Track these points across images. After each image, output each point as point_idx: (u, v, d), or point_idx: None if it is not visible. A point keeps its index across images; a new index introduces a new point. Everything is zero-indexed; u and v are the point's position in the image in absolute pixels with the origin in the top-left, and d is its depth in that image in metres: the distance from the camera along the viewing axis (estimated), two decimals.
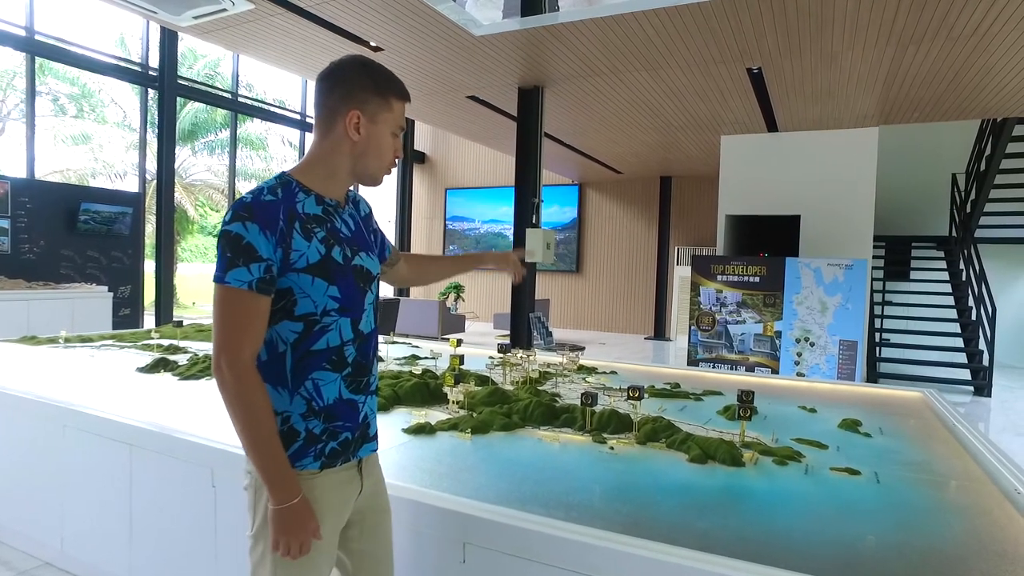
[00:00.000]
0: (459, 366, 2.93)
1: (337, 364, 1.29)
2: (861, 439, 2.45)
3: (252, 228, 1.18)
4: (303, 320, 1.25)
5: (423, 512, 1.65)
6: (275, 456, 1.20)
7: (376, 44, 5.74)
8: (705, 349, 7.18)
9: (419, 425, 2.36)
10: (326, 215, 1.30)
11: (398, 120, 1.35)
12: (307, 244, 1.24)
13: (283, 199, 1.24)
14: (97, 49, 8.99)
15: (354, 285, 1.32)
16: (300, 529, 1.21)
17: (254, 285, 1.18)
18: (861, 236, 7.53)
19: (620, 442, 2.25)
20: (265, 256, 1.19)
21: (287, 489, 1.20)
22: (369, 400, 1.40)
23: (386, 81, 1.32)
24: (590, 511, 1.61)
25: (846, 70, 5.76)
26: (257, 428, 1.19)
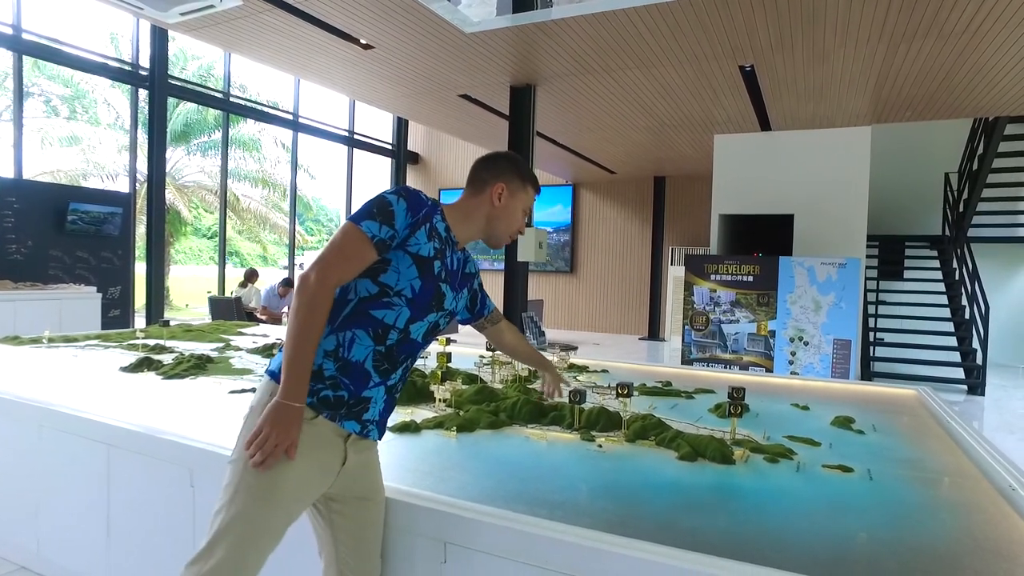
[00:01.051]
0: (447, 364, 2.88)
1: (377, 337, 1.45)
2: (854, 436, 2.41)
3: (401, 204, 1.45)
4: (380, 286, 1.45)
5: (403, 510, 1.60)
6: (306, 361, 1.35)
7: (367, 42, 5.69)
8: (699, 349, 7.15)
9: (404, 423, 2.32)
10: (446, 241, 1.57)
11: (529, 202, 1.69)
12: (426, 241, 1.49)
13: (431, 206, 1.52)
14: (87, 48, 8.91)
15: (431, 295, 1.52)
16: (285, 429, 1.31)
17: (376, 239, 1.41)
18: (855, 235, 7.52)
19: (609, 440, 2.21)
20: (398, 227, 1.44)
21: (298, 391, 1.33)
22: (381, 388, 1.50)
23: (528, 172, 1.70)
24: (576, 510, 1.57)
25: (838, 68, 5.75)
26: (307, 332, 1.34)
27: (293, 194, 13.04)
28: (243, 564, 1.30)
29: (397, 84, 7.04)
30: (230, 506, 1.32)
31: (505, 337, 2.10)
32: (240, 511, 1.31)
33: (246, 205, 19.73)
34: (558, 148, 10.17)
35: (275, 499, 1.33)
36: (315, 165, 27.55)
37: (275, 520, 1.34)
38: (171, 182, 17.73)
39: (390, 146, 14.61)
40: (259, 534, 1.32)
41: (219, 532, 1.31)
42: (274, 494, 1.33)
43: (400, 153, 14.71)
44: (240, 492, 1.32)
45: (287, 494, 1.35)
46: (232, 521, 1.31)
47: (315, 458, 1.39)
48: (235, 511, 1.31)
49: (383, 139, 14.48)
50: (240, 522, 1.31)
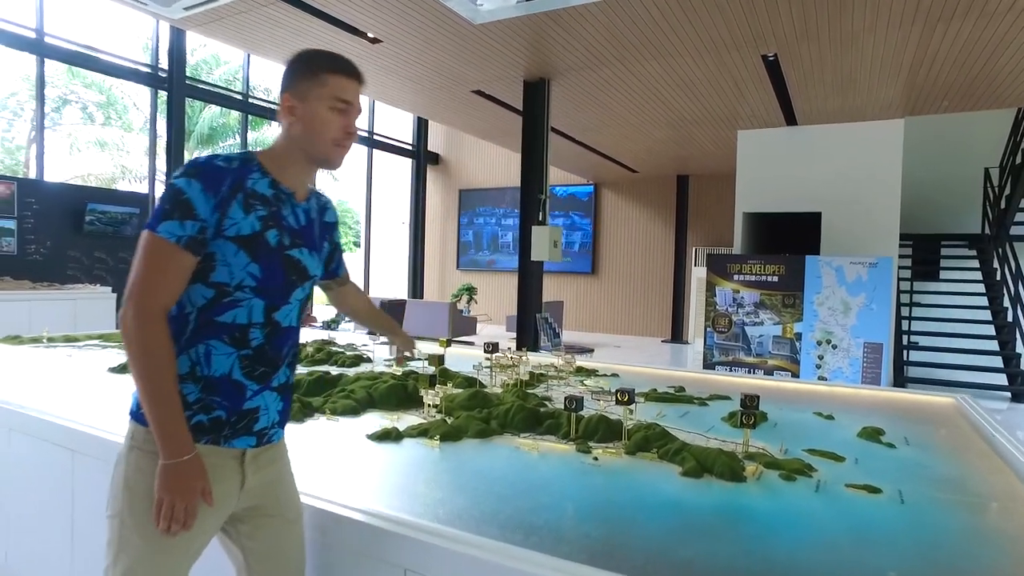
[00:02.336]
0: (439, 366, 2.70)
1: (237, 342, 1.25)
2: (884, 450, 2.17)
3: (195, 186, 1.18)
4: (215, 287, 1.22)
5: (363, 533, 1.42)
6: (172, 409, 1.16)
7: (374, 35, 5.56)
8: (721, 352, 6.87)
9: (385, 431, 2.14)
10: (275, 200, 1.29)
11: (334, 92, 1.29)
12: (244, 216, 1.23)
13: (235, 170, 1.24)
14: (108, 51, 8.97)
15: (281, 272, 1.28)
16: (186, 489, 1.15)
17: (184, 241, 1.17)
18: (886, 233, 7.15)
19: (606, 452, 2.00)
20: (201, 214, 1.18)
21: (179, 444, 1.16)
22: (268, 395, 1.31)
23: (317, 58, 1.31)
24: (555, 535, 1.37)
25: (868, 54, 5.44)
26: (157, 378, 1.15)
27: None
28: None
29: (409, 80, 6.90)
30: (117, 564, 1.19)
31: (350, 300, 1.84)
32: (130, 567, 1.18)
33: None
34: (577, 146, 9.95)
35: (165, 547, 1.18)
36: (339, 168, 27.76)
37: (173, 566, 1.21)
38: None
39: (410, 147, 14.54)
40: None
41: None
42: (163, 548, 1.18)
43: (420, 154, 14.63)
44: (126, 548, 1.18)
45: (177, 544, 1.19)
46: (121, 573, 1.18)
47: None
48: (125, 567, 1.18)
49: (403, 140, 14.41)
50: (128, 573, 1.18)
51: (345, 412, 2.43)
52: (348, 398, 2.54)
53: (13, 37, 7.85)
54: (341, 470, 1.80)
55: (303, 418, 2.33)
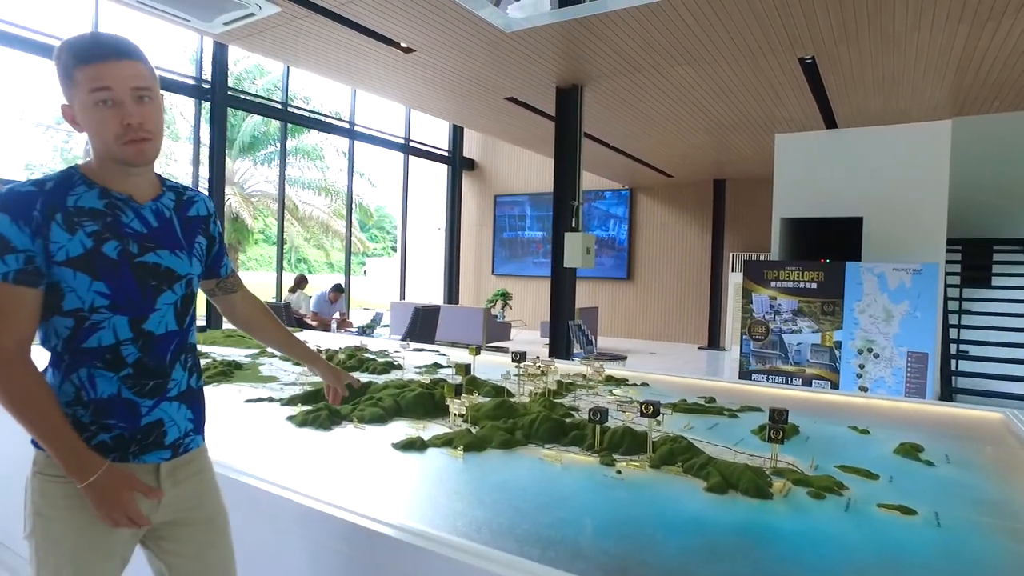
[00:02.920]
0: (465, 376, 2.71)
1: (113, 363, 1.20)
2: (921, 468, 2.09)
3: (3, 219, 1.12)
4: (72, 316, 1.19)
5: (383, 545, 1.43)
6: (63, 438, 1.14)
7: (407, 45, 5.64)
8: (758, 360, 6.72)
9: (410, 440, 2.16)
10: (109, 209, 1.21)
11: (91, 82, 1.14)
12: (68, 237, 1.16)
13: (48, 191, 1.16)
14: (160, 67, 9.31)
15: (133, 282, 1.21)
16: (114, 500, 1.15)
17: (11, 276, 1.12)
18: (932, 238, 6.90)
19: (630, 465, 1.98)
20: (21, 247, 1.13)
21: (84, 466, 1.14)
22: (165, 405, 1.26)
23: (63, 56, 1.17)
24: (572, 550, 1.36)
25: (911, 55, 5.26)
26: (37, 413, 1.13)
27: (349, 201, 13.27)
28: None
29: (441, 88, 6.97)
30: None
31: (240, 310, 1.58)
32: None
33: (308, 213, 20.32)
34: (612, 152, 9.89)
35: (87, 569, 1.19)
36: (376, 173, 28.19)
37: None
38: (238, 191, 18.46)
39: (446, 153, 14.67)
40: None
41: None
42: (79, 561, 1.19)
43: (456, 159, 14.75)
44: (45, 566, 1.19)
45: (95, 561, 1.20)
46: None
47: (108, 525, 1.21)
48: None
49: (439, 146, 14.56)
50: None
51: (372, 420, 2.46)
52: (376, 406, 2.57)
53: None
54: (364, 480, 1.83)
55: (330, 426, 2.37)
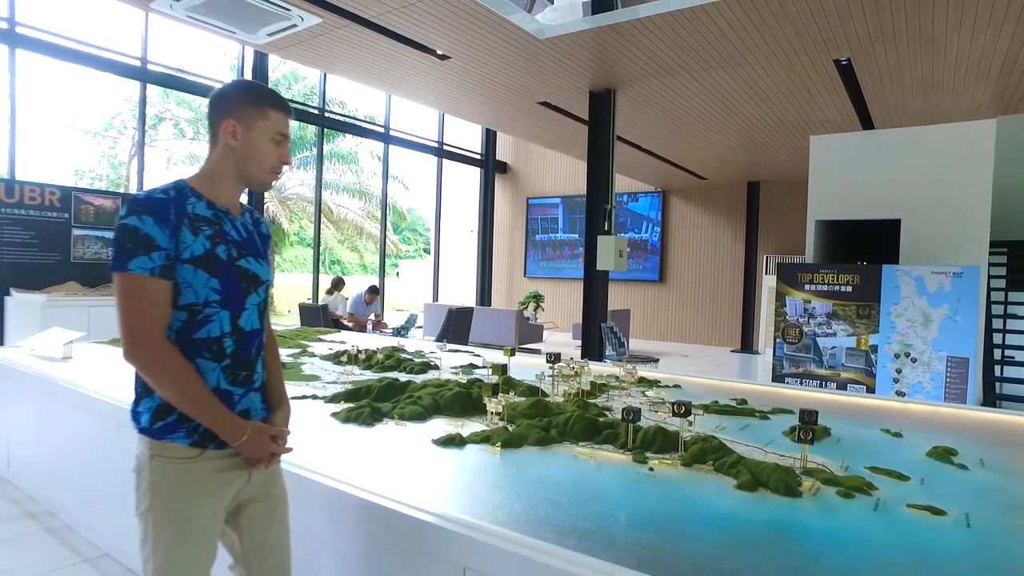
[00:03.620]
0: (501, 375, 2.80)
1: (216, 354, 1.38)
2: (954, 472, 2.10)
3: (147, 221, 1.29)
4: (187, 309, 1.34)
5: (427, 532, 1.53)
6: (216, 409, 1.34)
7: (443, 52, 5.76)
8: (791, 363, 6.66)
9: (449, 436, 2.26)
10: (215, 218, 1.40)
11: (276, 127, 1.43)
12: (193, 238, 1.34)
13: (174, 199, 1.34)
14: (202, 75, 9.67)
15: (236, 282, 1.40)
16: (261, 449, 1.40)
17: (156, 271, 1.28)
18: (974, 241, 6.75)
19: (662, 463, 2.05)
20: (163, 245, 1.29)
21: (236, 430, 1.36)
22: (251, 395, 1.46)
23: (262, 94, 1.44)
24: (607, 540, 1.44)
25: (952, 56, 5.18)
26: (192, 392, 1.31)
27: (384, 204, 13.51)
28: None
29: (476, 93, 7.09)
30: (154, 557, 1.34)
31: None
32: (165, 558, 1.34)
33: (343, 216, 20.72)
34: (644, 154, 9.89)
35: (195, 538, 1.36)
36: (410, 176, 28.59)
37: (201, 552, 1.37)
38: (275, 195, 18.92)
39: (479, 156, 14.82)
40: (195, 566, 1.36)
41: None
42: (192, 534, 1.36)
43: (488, 163, 14.89)
44: (162, 544, 1.34)
45: (203, 529, 1.37)
46: (161, 569, 1.34)
47: (215, 493, 1.39)
48: (160, 560, 1.34)
49: (472, 149, 14.72)
50: (174, 570, 1.34)
51: (413, 418, 2.56)
52: (416, 404, 2.68)
53: (121, 66, 8.59)
54: (408, 472, 1.93)
55: (372, 422, 2.49)
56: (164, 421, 1.34)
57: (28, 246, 6.97)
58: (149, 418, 1.35)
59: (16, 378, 3.52)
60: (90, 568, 2.62)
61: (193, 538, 1.35)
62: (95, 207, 7.68)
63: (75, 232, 7.41)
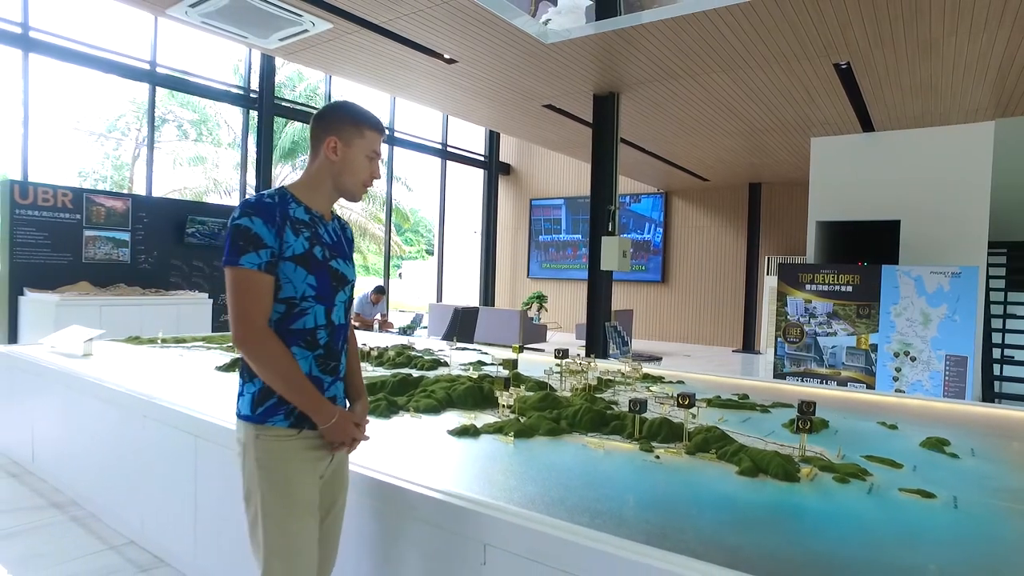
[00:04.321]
0: (512, 370, 2.91)
1: (310, 344, 1.51)
2: (946, 460, 2.20)
3: (257, 221, 1.43)
4: (285, 302, 1.48)
5: (446, 511, 1.64)
6: (310, 393, 1.47)
7: (450, 56, 5.87)
8: (793, 362, 6.76)
9: (464, 427, 2.36)
10: (312, 222, 1.54)
11: (371, 145, 1.58)
12: (295, 239, 1.48)
13: (278, 203, 1.48)
14: (208, 76, 9.79)
15: (328, 280, 1.54)
16: (346, 433, 1.53)
17: (263, 267, 1.42)
18: (973, 242, 6.84)
19: (668, 451, 2.15)
20: (269, 243, 1.43)
21: (326, 413, 1.49)
22: (338, 384, 1.60)
23: (362, 115, 1.58)
24: (617, 519, 1.54)
25: (950, 59, 5.28)
26: (291, 377, 1.44)
27: (389, 205, 13.61)
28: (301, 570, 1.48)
29: (482, 97, 7.20)
30: (267, 533, 1.46)
31: None
32: (280, 531, 1.46)
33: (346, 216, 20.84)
34: (647, 156, 9.99)
35: (301, 509, 1.48)
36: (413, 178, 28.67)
37: (308, 524, 1.49)
38: None
39: (482, 158, 14.93)
40: (303, 541, 1.48)
41: (270, 559, 1.46)
42: (298, 505, 1.48)
43: (492, 164, 14.99)
44: (270, 519, 1.45)
45: (307, 500, 1.50)
46: (276, 542, 1.45)
47: (312, 468, 1.52)
48: (275, 534, 1.45)
49: (476, 151, 14.82)
50: (284, 539, 1.46)
51: (427, 410, 2.67)
52: (429, 398, 2.78)
53: (131, 69, 8.72)
54: (426, 459, 2.03)
55: (389, 415, 2.59)
56: (264, 406, 1.47)
57: (41, 247, 7.10)
58: (250, 403, 1.48)
59: (40, 374, 3.63)
60: (115, 555, 2.72)
61: (299, 509, 1.47)
62: (106, 208, 7.80)
63: (86, 233, 7.53)
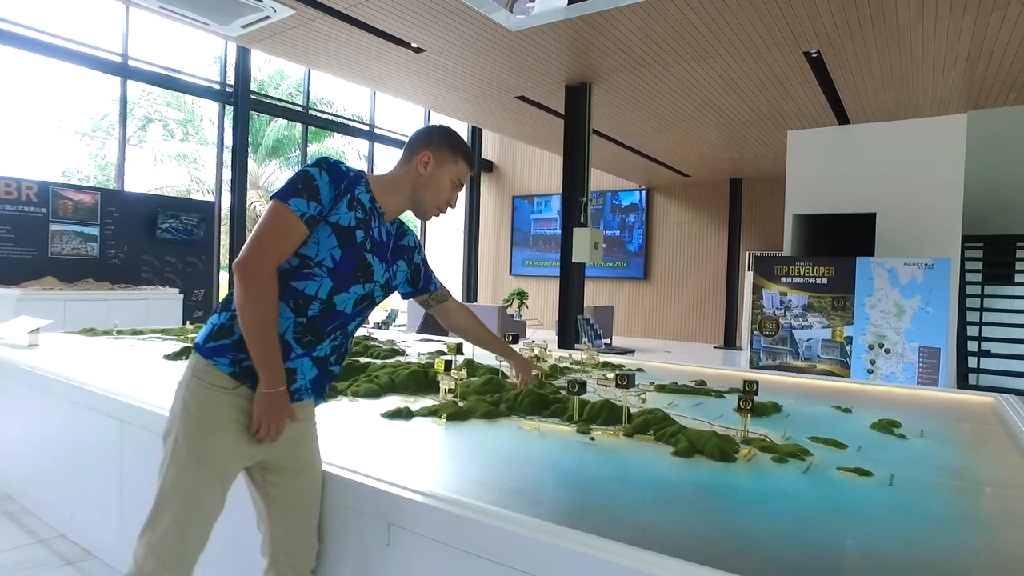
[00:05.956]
0: (456, 353, 2.82)
1: (298, 309, 1.44)
2: (893, 441, 2.14)
3: (324, 177, 1.44)
4: (300, 258, 1.43)
5: (350, 489, 1.55)
6: (272, 349, 1.38)
7: (417, 45, 5.78)
8: (768, 356, 6.71)
9: (397, 410, 2.27)
10: (370, 212, 1.53)
11: (459, 174, 1.64)
12: (346, 211, 1.47)
13: (351, 177, 1.50)
14: (182, 70, 9.64)
15: (354, 265, 1.49)
16: (278, 414, 1.39)
17: (306, 217, 1.40)
18: (947, 234, 6.83)
19: (606, 433, 2.07)
20: (324, 200, 1.43)
21: (276, 378, 1.38)
22: (306, 361, 1.48)
23: (461, 145, 1.64)
24: (529, 498, 1.46)
25: (918, 48, 5.25)
26: (265, 323, 1.36)
27: None
28: (188, 530, 1.37)
29: (455, 88, 7.11)
30: (168, 479, 1.38)
31: (454, 318, 2.00)
32: (177, 482, 1.38)
33: None
34: (626, 151, 9.94)
35: (207, 468, 1.39)
36: None
37: (211, 486, 1.39)
38: (263, 194, 18.87)
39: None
40: (198, 501, 1.38)
41: (161, 503, 1.38)
42: (205, 463, 1.39)
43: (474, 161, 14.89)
44: (175, 465, 1.38)
45: (217, 462, 1.40)
46: (171, 492, 1.37)
47: (240, 432, 1.42)
48: (172, 482, 1.38)
49: None
50: (179, 492, 1.37)
51: (367, 395, 2.58)
52: (371, 382, 2.69)
53: (101, 61, 8.57)
54: (349, 442, 1.94)
55: (327, 399, 2.49)
56: (217, 342, 1.41)
57: (3, 241, 6.94)
58: (207, 333, 1.43)
59: None
60: (43, 548, 2.61)
61: (207, 468, 1.38)
62: (73, 202, 7.65)
63: (52, 227, 7.38)
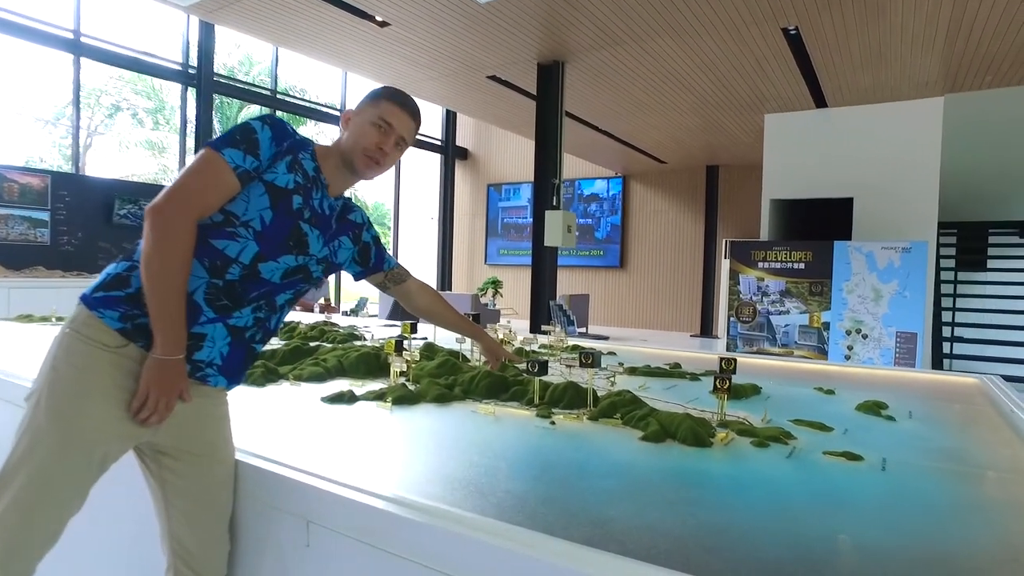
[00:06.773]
0: (410, 335, 2.60)
1: (214, 270, 1.27)
2: (881, 423, 1.97)
3: (266, 132, 1.32)
4: (225, 215, 1.28)
5: (266, 481, 1.33)
6: (177, 308, 1.19)
7: (382, 18, 5.51)
8: (745, 342, 6.60)
9: (339, 394, 2.05)
10: (312, 180, 1.40)
11: (381, 113, 1.44)
12: (285, 172, 1.34)
13: (297, 140, 1.39)
14: (140, 49, 9.20)
15: (286, 232, 1.34)
16: (170, 386, 1.19)
17: (239, 170, 1.26)
18: (924, 219, 6.76)
19: (568, 418, 1.87)
20: (262, 156, 1.30)
21: (174, 343, 1.19)
22: (219, 328, 1.29)
23: (385, 90, 1.50)
24: (472, 489, 1.25)
25: (897, 23, 5.12)
26: (175, 277, 1.18)
27: None
28: (30, 517, 1.12)
29: (423, 67, 6.84)
30: (18, 448, 1.15)
31: (416, 299, 1.86)
32: (28, 452, 1.14)
33: None
34: (602, 136, 9.76)
35: (69, 440, 1.15)
36: None
37: (70, 466, 1.15)
38: None
39: (439, 142, 14.55)
40: (51, 482, 1.14)
41: (7, 475, 1.14)
42: (67, 434, 1.15)
43: (448, 148, 14.62)
44: (30, 432, 1.16)
45: (83, 435, 1.16)
46: (19, 464, 1.14)
47: (123, 393, 1.19)
48: (23, 452, 1.15)
49: (432, 135, 14.43)
50: (28, 465, 1.13)
51: (311, 378, 2.35)
52: (317, 366, 2.46)
53: (50, 37, 8.13)
54: (277, 428, 1.72)
55: (264, 383, 2.26)
56: (108, 292, 1.21)
57: None
58: (98, 283, 1.23)
59: None
60: None
61: (70, 440, 1.14)
62: (19, 185, 7.25)
63: None
